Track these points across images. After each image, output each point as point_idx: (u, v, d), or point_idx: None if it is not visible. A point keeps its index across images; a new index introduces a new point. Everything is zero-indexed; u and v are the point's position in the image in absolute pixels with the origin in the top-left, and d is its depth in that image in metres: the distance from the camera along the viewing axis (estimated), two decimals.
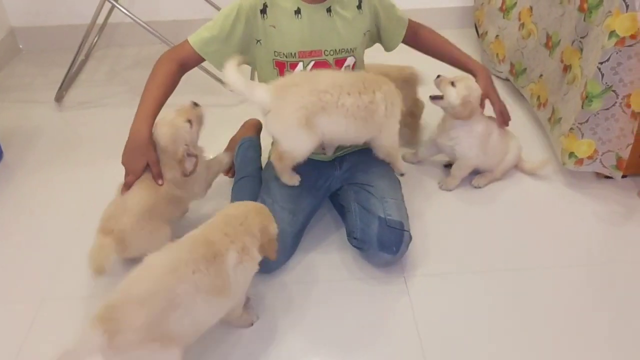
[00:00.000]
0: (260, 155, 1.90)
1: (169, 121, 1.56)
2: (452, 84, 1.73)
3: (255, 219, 1.31)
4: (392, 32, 1.74)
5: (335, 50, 1.60)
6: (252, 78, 2.02)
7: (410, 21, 1.77)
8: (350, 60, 1.64)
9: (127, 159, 1.54)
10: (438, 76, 1.78)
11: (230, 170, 1.88)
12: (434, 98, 1.78)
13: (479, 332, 1.43)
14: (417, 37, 1.80)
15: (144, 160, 1.51)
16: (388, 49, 1.78)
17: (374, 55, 1.80)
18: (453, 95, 1.72)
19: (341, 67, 1.64)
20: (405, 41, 1.79)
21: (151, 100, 1.57)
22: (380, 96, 1.50)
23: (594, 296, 1.52)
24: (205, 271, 1.19)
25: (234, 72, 1.42)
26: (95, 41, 2.96)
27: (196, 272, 1.18)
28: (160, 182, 1.53)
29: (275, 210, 1.55)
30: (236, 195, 1.72)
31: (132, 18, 2.47)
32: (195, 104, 1.63)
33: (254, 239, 1.29)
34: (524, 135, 2.14)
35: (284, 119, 1.44)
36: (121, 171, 1.88)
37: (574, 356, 1.36)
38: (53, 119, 2.45)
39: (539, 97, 2.14)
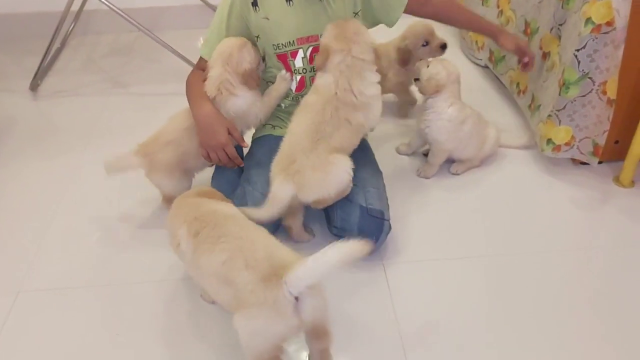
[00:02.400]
0: None
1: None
2: (427, 65, 1.81)
3: None
4: (387, 7, 1.68)
5: None
6: None
7: None
8: None
9: (208, 137, 1.57)
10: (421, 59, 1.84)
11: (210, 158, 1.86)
12: (415, 80, 1.85)
13: (457, 318, 1.44)
14: (426, 4, 1.74)
15: (223, 128, 1.56)
16: (389, 24, 1.73)
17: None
18: (424, 75, 1.79)
19: None
20: (411, 11, 1.72)
21: (197, 90, 1.62)
22: None
23: (571, 281, 1.54)
24: None
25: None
26: (70, 29, 2.90)
27: None
28: (244, 144, 1.62)
29: (256, 197, 1.55)
30: (216, 185, 1.70)
31: (108, 5, 2.43)
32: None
33: None
34: (505, 122, 2.16)
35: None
36: (97, 160, 1.87)
37: (553, 340, 1.38)
38: (28, 108, 2.41)
39: (518, 84, 2.15)
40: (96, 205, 1.84)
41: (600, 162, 1.88)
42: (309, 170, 1.47)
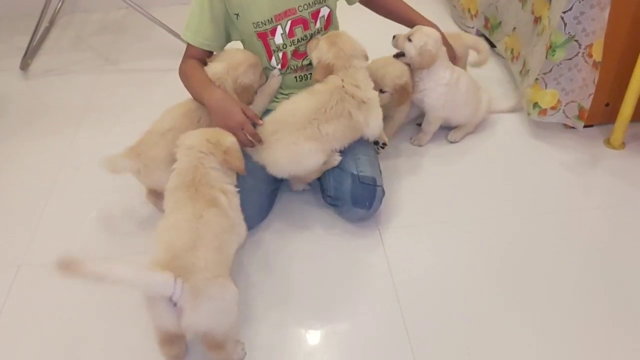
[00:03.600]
0: None
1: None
2: (409, 39, 1.74)
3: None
4: None
5: (308, 3, 1.60)
6: None
7: None
8: (324, 11, 1.65)
9: (226, 120, 1.51)
10: (393, 37, 1.78)
11: None
12: (397, 56, 1.79)
13: (451, 278, 1.47)
14: None
15: (238, 108, 1.51)
16: (349, 1, 1.78)
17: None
18: (412, 50, 1.74)
19: (317, 19, 1.64)
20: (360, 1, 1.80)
21: (201, 77, 1.59)
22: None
23: (564, 241, 1.57)
24: None
25: None
26: (58, 7, 2.87)
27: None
28: (259, 122, 1.55)
29: (250, 168, 1.56)
30: None
31: None
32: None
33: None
34: (499, 89, 2.16)
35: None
36: (91, 137, 1.87)
37: (545, 299, 1.42)
38: (19, 87, 2.40)
39: (512, 50, 2.15)
40: (92, 181, 1.84)
41: (590, 126, 1.90)
42: (280, 148, 1.50)
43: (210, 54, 1.68)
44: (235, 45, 1.71)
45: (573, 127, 1.90)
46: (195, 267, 1.11)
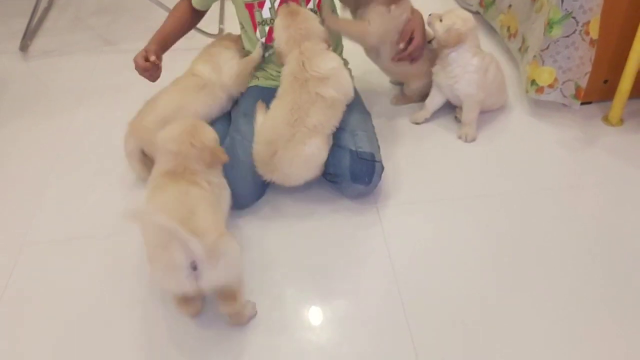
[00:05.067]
0: None
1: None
2: (440, 19, 1.74)
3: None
4: None
5: None
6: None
7: None
8: None
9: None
10: (430, 15, 1.77)
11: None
12: (429, 42, 1.82)
13: (448, 255, 1.49)
14: None
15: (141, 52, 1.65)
16: None
17: None
18: (440, 28, 1.73)
19: (308, 2, 1.63)
20: None
21: (161, 27, 1.75)
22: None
23: (559, 218, 1.58)
24: None
25: None
26: None
27: None
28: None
29: (245, 146, 1.59)
30: None
31: None
32: None
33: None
34: None
35: None
36: (91, 118, 1.88)
37: (540, 274, 1.43)
38: (19, 69, 2.41)
39: (508, 28, 2.14)
40: (93, 161, 1.87)
41: (588, 103, 1.90)
42: (287, 165, 1.53)
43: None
44: None
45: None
46: (201, 230, 1.16)
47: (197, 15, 1.79)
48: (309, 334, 1.34)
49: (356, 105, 1.71)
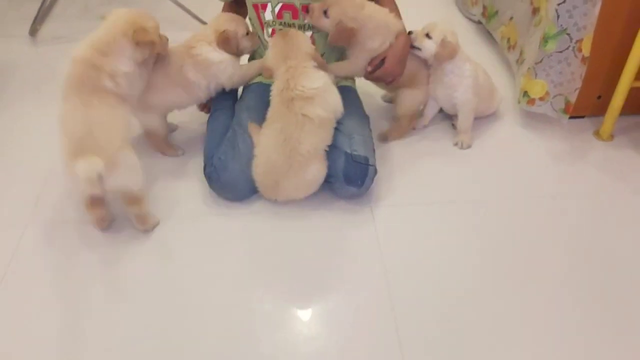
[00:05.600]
0: (237, 89, 1.93)
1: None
2: (427, 35, 1.76)
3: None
4: None
5: None
6: None
7: None
8: None
9: None
10: (410, 32, 1.78)
11: (205, 107, 1.92)
12: (411, 48, 1.81)
13: (438, 256, 1.55)
14: None
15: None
16: None
17: None
18: (432, 46, 1.76)
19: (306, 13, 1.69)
20: None
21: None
22: None
23: (547, 226, 1.64)
24: None
25: None
26: None
27: None
28: None
29: (246, 140, 1.65)
30: (211, 130, 1.78)
31: None
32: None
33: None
34: (494, 77, 2.20)
35: None
36: None
37: (527, 279, 1.49)
38: (28, 53, 2.45)
39: (509, 40, 2.19)
40: None
41: (581, 117, 1.95)
42: (292, 191, 1.63)
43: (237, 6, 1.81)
44: None
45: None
46: (100, 147, 1.41)
47: (239, 6, 1.81)
48: (299, 326, 1.39)
49: (355, 109, 1.77)
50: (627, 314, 1.40)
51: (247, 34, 1.74)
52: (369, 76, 1.76)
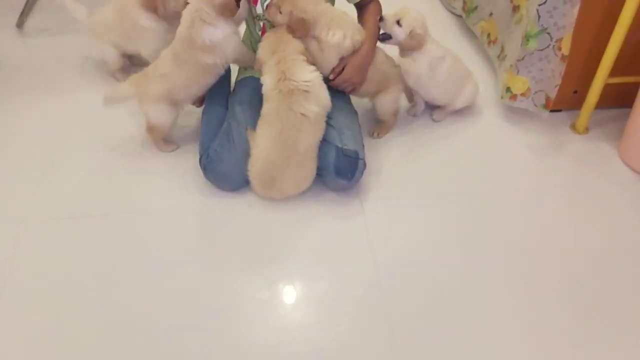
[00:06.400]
0: (229, 82, 1.98)
1: None
2: (398, 22, 1.80)
3: None
4: None
5: None
6: None
7: None
8: None
9: None
10: (380, 18, 1.81)
11: (198, 101, 1.96)
12: (382, 38, 1.85)
13: (425, 246, 1.63)
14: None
15: None
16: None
17: None
18: (401, 34, 1.81)
19: None
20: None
21: None
22: None
23: (522, 215, 1.73)
24: None
25: None
26: None
27: None
28: None
29: (240, 133, 1.70)
30: (205, 121, 1.84)
31: None
32: None
33: None
34: (474, 71, 2.27)
35: None
36: (91, 94, 1.96)
37: (506, 265, 1.58)
38: (16, 45, 2.45)
39: (489, 35, 2.26)
40: (94, 138, 1.95)
41: (558, 110, 2.04)
42: (288, 188, 1.69)
43: None
44: None
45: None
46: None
47: None
48: (293, 313, 1.47)
49: (344, 105, 1.83)
50: (606, 304, 1.48)
51: None
52: (332, 83, 1.78)
